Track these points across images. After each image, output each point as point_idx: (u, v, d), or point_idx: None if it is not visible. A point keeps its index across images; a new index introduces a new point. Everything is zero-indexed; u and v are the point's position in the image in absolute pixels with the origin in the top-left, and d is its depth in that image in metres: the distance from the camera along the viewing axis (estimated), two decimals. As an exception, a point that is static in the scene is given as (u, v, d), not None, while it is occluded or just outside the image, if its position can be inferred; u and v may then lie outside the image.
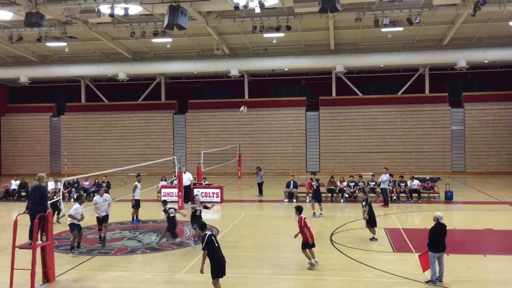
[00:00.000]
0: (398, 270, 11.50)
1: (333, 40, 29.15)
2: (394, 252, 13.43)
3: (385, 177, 20.85)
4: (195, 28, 26.12)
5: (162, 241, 14.57)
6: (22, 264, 10.28)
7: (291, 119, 36.18)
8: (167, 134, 37.44)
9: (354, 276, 11.29)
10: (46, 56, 33.70)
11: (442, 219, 10.53)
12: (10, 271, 10.11)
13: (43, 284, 10.84)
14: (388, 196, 21.28)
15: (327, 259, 12.80)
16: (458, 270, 11.44)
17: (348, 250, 13.42)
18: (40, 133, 38.64)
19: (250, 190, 26.86)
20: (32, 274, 10.05)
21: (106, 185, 24.35)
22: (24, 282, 10.06)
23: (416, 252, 12.24)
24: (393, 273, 11.29)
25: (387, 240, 14.65)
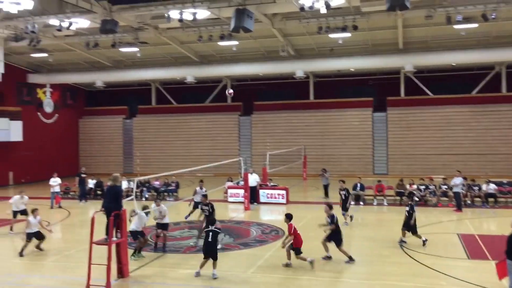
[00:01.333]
0: (472, 278, 10.98)
1: (401, 39, 28.30)
2: (468, 259, 12.84)
3: (458, 181, 19.96)
4: (261, 30, 26.33)
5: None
6: (99, 259, 10.84)
7: (358, 120, 35.51)
8: (233, 135, 38.00)
9: (426, 283, 10.88)
10: (119, 61, 35.32)
11: None
12: (87, 266, 10.70)
13: (117, 279, 11.36)
14: (462, 200, 20.35)
15: (396, 264, 12.47)
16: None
17: (419, 256, 12.97)
18: (114, 135, 40.52)
19: (316, 192, 26.66)
20: (107, 269, 10.57)
21: (175, 185, 25.22)
22: (100, 277, 10.59)
23: (492, 260, 11.63)
24: (467, 281, 10.79)
25: (461, 246, 14.02)
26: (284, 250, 12.50)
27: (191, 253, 14.00)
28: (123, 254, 11.41)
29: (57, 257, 13.98)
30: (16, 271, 12.84)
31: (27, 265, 13.32)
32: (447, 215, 19.25)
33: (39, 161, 34.49)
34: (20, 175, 33.55)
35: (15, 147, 32.79)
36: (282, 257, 13.29)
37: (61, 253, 14.34)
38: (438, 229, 16.21)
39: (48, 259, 13.87)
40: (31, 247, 14.23)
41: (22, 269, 13.05)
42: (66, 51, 31.62)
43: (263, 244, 15.03)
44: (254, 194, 22.77)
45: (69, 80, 37.57)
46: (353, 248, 14.08)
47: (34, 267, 13.19)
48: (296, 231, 12.32)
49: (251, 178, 22.50)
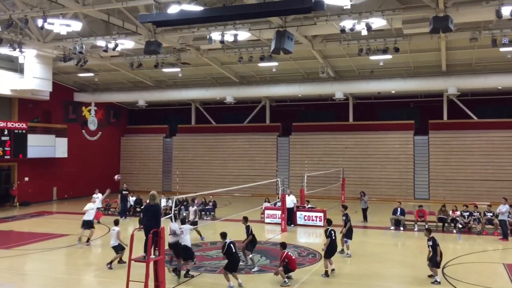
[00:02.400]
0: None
1: (445, 61, 27.76)
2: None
3: (504, 208, 19.17)
4: (301, 51, 26.42)
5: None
6: (136, 276, 10.94)
7: (398, 143, 34.84)
8: (271, 156, 37.99)
9: (470, 315, 10.43)
10: (161, 81, 36.16)
11: None
12: (126, 283, 10.81)
13: (154, 297, 11.40)
14: (508, 228, 19.50)
15: (438, 294, 12.02)
16: None
17: (463, 286, 12.47)
18: (154, 153, 41.25)
19: (354, 215, 26.07)
20: (145, 287, 10.64)
21: (212, 205, 25.33)
22: (138, 294, 10.67)
23: (543, 293, 11.03)
24: (515, 315, 10.26)
25: (507, 276, 13.38)
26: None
27: (227, 273, 13.92)
28: (161, 272, 11.47)
29: (97, 273, 14.21)
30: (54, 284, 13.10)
31: (66, 280, 13.57)
32: (492, 243, 18.49)
33: (82, 177, 35.46)
34: (64, 191, 34.54)
35: (59, 163, 33.86)
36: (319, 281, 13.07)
37: (100, 269, 14.56)
38: (483, 258, 15.55)
39: (88, 275, 14.11)
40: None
41: (60, 283, 13.30)
42: (111, 71, 32.68)
43: (300, 267, 14.80)
44: (291, 216, 22.58)
45: (113, 99, 38.71)
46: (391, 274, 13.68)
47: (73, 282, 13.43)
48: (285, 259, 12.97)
49: (288, 199, 22.36)
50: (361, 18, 19.31)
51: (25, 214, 26.99)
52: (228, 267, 12.66)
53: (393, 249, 17.45)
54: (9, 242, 19.05)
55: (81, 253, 17.15)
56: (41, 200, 32.25)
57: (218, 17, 17.99)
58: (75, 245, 17.92)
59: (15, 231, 21.93)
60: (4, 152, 28.07)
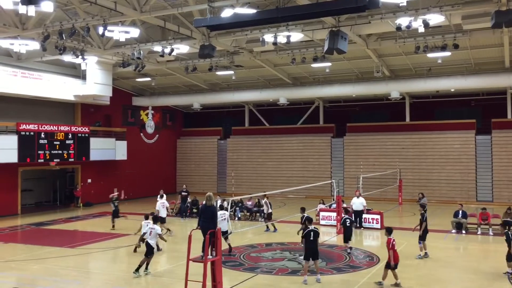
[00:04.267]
0: None
1: (508, 57, 26.45)
2: None
3: None
4: (354, 51, 26.02)
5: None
6: (195, 276, 11.15)
7: (459, 143, 33.53)
8: (325, 157, 37.61)
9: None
10: (215, 84, 36.72)
11: None
12: (184, 282, 11.05)
13: (212, 296, 11.58)
14: None
15: (504, 300, 11.46)
16: None
17: (531, 293, 11.83)
18: (209, 155, 41.92)
19: (412, 217, 25.41)
20: (203, 286, 10.83)
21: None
22: (196, 294, 10.87)
23: None
24: None
25: None
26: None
27: (283, 274, 13.94)
28: (218, 272, 11.64)
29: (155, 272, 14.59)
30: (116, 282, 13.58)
31: (127, 278, 14.02)
32: None
33: (140, 179, 36.58)
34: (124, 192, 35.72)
35: (119, 165, 35.12)
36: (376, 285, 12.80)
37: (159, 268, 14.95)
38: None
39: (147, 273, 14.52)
40: None
41: (121, 281, 13.77)
42: (167, 75, 33.55)
43: (357, 270, 14.58)
44: (360, 219, 22.14)
45: (169, 102, 39.71)
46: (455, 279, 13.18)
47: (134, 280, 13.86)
48: (394, 247, 12.57)
49: (357, 201, 22.00)
50: (418, 15, 18.76)
51: (88, 215, 28.21)
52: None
53: (455, 253, 16.82)
54: (74, 241, 19.97)
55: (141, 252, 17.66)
56: (103, 201, 33.51)
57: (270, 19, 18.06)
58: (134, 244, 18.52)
59: (79, 230, 22.95)
60: (69, 155, 29.45)
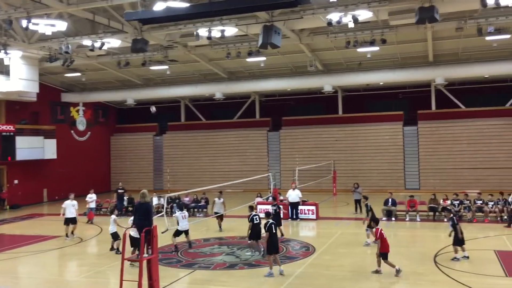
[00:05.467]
0: (512, 297, 10.58)
1: (431, 52, 27.91)
2: (506, 277, 12.39)
3: None
4: (288, 46, 26.40)
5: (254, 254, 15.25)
6: (130, 275, 10.92)
7: (388, 134, 35.02)
8: (261, 151, 38.00)
9: (462, 302, 10.55)
10: (149, 79, 35.97)
11: None
12: (119, 282, 10.79)
13: (148, 295, 11.39)
14: None
15: (431, 282, 12.14)
16: None
17: (455, 273, 12.60)
18: (144, 152, 41.08)
19: (346, 207, 26.31)
20: (139, 285, 10.62)
21: (205, 201, 25.33)
22: (132, 293, 10.65)
23: (533, 278, 11.19)
24: (506, 300, 10.40)
25: (498, 263, 13.55)
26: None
27: (221, 269, 13.96)
28: (154, 270, 11.45)
29: (89, 273, 14.15)
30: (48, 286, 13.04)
31: (59, 282, 13.51)
32: (483, 231, 18.68)
33: (72, 178, 35.18)
34: (54, 192, 34.27)
35: (49, 164, 33.60)
36: (313, 274, 13.12)
37: (93, 269, 14.51)
38: (474, 246, 15.69)
39: (81, 275, 14.05)
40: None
41: (53, 285, 13.24)
42: (98, 70, 32.42)
43: (293, 260, 14.88)
44: (296, 211, 22.53)
45: (101, 98, 38.44)
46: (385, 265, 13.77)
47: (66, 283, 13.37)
48: (383, 235, 12.81)
49: (293, 193, 22.34)
50: (347, 10, 19.33)
51: (15, 217, 26.78)
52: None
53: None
54: (1, 245, 18.90)
55: (74, 255, 17.07)
56: (32, 203, 32.01)
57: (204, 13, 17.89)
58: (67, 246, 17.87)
59: (6, 234, 21.76)
60: (-8, 155, 27.81)
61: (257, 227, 15.06)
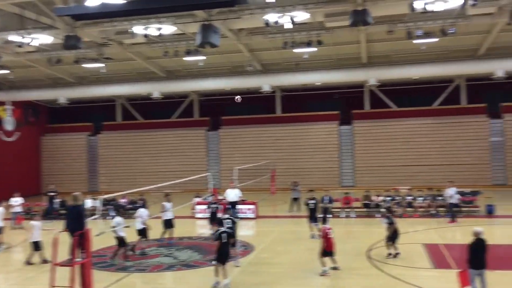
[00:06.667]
0: (437, 287, 11.15)
1: (365, 53, 28.92)
2: (433, 269, 13.05)
3: (452, 191, 20.14)
4: (227, 45, 26.39)
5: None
6: (63, 281, 10.49)
7: (325, 134, 35.92)
8: (201, 150, 37.78)
9: (393, 294, 11.00)
10: (83, 77, 34.73)
11: (481, 235, 10.02)
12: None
13: (82, 301, 11.00)
14: (455, 211, 20.36)
15: (364, 276, 12.56)
16: (502, 287, 11.00)
17: (387, 267, 13.12)
18: (78, 152, 39.65)
19: (285, 205, 26.66)
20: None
21: (142, 203, 24.75)
22: (64, 299, 10.23)
23: (457, 268, 11.84)
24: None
25: (427, 256, 14.25)
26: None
27: (158, 271, 13.72)
28: (87, 275, 11.08)
29: (18, 280, 13.46)
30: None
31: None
32: (412, 225, 19.57)
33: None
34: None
35: (-27, 166, 31.64)
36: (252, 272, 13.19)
37: (22, 276, 13.81)
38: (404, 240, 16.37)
39: (8, 282, 13.33)
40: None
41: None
42: (27, 67, 30.86)
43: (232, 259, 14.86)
44: (235, 210, 22.43)
45: (31, 97, 36.58)
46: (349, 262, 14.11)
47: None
48: (327, 234, 12.83)
49: (232, 193, 22.23)
50: (285, 11, 19.64)
51: None
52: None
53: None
54: None
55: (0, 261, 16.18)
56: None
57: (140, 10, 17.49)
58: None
59: None
60: None
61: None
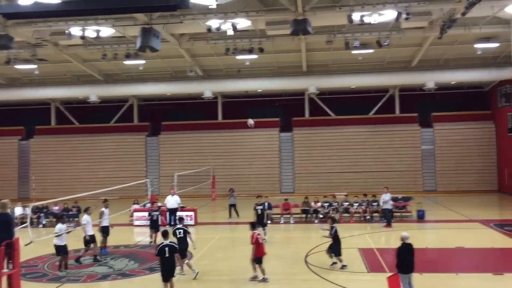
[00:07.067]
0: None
1: (305, 62, 29.55)
2: (368, 272, 13.45)
3: (387, 197, 20.71)
4: (168, 50, 26.11)
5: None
6: (-14, 294, 9.87)
7: (265, 140, 36.26)
8: (139, 156, 36.99)
9: (329, 298, 11.22)
10: (15, 78, 33.10)
11: (407, 239, 10.31)
12: (-27, 302, 9.70)
13: (8, 314, 10.40)
14: (391, 216, 20.97)
15: (302, 281, 12.74)
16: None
17: (323, 272, 13.37)
18: (7, 157, 37.64)
19: (225, 212, 26.56)
20: (-3, 304, 9.66)
21: (76, 210, 23.86)
22: (-12, 313, 9.65)
23: (390, 272, 12.27)
24: (368, 294, 11.28)
25: (361, 260, 14.67)
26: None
27: (91, 281, 13.24)
28: (16, 286, 10.49)
29: None
30: None
31: None
32: (348, 231, 20.06)
33: None
34: None
35: None
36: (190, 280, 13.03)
37: None
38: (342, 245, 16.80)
39: None
40: None
41: None
42: (-48, 66, 29.04)
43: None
44: (175, 217, 22.04)
45: (-44, 98, 34.48)
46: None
47: None
48: (257, 240, 12.60)
49: (172, 199, 21.86)
50: (227, 18, 19.76)
51: None
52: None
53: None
54: None
55: None
56: None
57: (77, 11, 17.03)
58: None
59: None
60: None
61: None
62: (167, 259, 11.17)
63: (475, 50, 26.77)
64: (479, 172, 34.06)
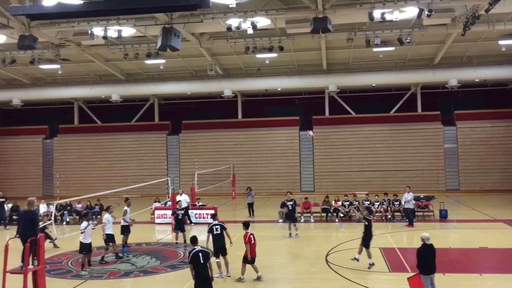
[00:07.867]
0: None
1: (325, 60, 29.40)
2: (390, 272, 13.33)
3: (409, 196, 20.54)
4: (188, 49, 26.28)
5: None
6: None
7: (285, 139, 36.22)
8: (160, 155, 37.33)
9: (350, 297, 11.16)
10: (39, 78, 33.72)
11: (428, 240, 10.12)
12: (0, 297, 9.94)
13: (34, 309, 10.62)
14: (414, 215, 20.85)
15: (322, 280, 12.69)
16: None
17: (344, 271, 13.30)
18: (32, 156, 38.40)
19: (244, 210, 26.62)
20: (23, 299, 9.88)
21: (99, 208, 24.23)
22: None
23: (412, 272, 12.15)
24: (389, 294, 11.18)
25: (383, 260, 14.55)
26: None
27: (114, 278, 13.42)
28: (41, 283, 10.71)
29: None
30: None
31: None
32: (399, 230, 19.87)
33: None
34: None
35: None
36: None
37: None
38: (362, 244, 16.70)
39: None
40: None
41: None
42: (-21, 67, 29.71)
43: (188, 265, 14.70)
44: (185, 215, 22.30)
45: (-17, 98, 35.29)
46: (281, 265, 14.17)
47: None
48: (250, 240, 12.51)
49: (181, 198, 22.07)
50: (247, 17, 19.77)
51: None
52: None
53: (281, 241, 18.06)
54: None
55: None
56: None
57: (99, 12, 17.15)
58: None
59: None
60: None
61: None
62: (202, 265, 9.97)
63: (499, 46, 26.26)
64: (503, 171, 33.43)
